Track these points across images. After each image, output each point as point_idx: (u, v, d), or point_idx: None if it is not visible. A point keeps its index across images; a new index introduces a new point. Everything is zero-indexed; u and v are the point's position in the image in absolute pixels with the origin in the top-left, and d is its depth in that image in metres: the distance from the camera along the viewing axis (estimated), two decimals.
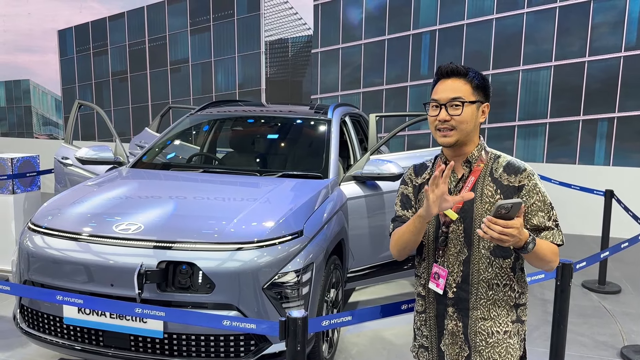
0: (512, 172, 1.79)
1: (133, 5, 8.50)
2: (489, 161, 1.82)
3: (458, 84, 1.78)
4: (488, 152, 1.85)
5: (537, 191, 1.77)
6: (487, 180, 1.79)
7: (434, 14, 7.32)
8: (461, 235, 1.79)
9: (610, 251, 3.61)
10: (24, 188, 5.04)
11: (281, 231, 2.91)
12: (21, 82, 9.32)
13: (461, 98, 1.76)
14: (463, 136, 1.78)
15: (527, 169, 1.79)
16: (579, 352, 3.75)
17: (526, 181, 1.77)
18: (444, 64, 1.82)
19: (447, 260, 1.81)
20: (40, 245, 2.94)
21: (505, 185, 1.77)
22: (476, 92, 1.79)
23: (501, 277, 1.78)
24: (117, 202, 3.28)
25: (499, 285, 1.78)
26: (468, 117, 1.77)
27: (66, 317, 2.79)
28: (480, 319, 1.79)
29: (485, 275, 1.78)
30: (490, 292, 1.78)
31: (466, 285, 1.79)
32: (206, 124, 4.89)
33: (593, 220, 6.22)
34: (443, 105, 1.77)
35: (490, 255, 1.77)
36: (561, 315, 2.84)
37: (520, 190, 1.76)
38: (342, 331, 3.78)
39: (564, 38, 6.90)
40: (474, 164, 1.81)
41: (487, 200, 1.77)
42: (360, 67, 7.70)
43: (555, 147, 7.10)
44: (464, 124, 1.76)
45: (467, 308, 1.80)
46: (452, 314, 1.83)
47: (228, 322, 2.17)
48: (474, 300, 1.79)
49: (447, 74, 1.80)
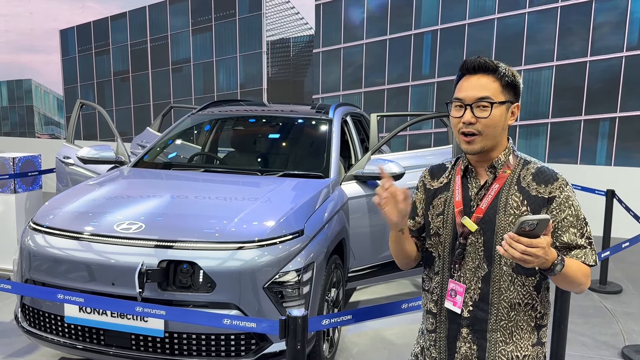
0: (542, 181, 1.58)
1: (134, 5, 8.51)
2: (517, 167, 1.62)
3: (486, 81, 1.57)
4: (517, 157, 1.64)
5: (569, 204, 1.56)
6: (514, 189, 1.59)
7: (435, 13, 7.31)
8: (480, 249, 1.60)
9: (612, 251, 3.60)
10: (25, 187, 5.05)
11: (282, 230, 2.92)
12: (23, 81, 9.33)
13: (489, 98, 1.55)
14: (490, 142, 1.58)
15: (559, 178, 1.58)
16: (580, 352, 3.74)
17: (557, 192, 1.56)
18: (470, 57, 1.61)
19: (464, 275, 1.62)
20: (42, 244, 2.95)
21: (533, 195, 1.57)
22: (506, 90, 1.58)
23: (523, 296, 1.59)
24: (118, 201, 3.29)
25: (521, 305, 1.59)
26: (496, 120, 1.56)
27: (67, 316, 2.80)
28: (501, 342, 1.60)
29: (507, 295, 1.59)
30: (512, 313, 1.59)
31: (485, 304, 1.60)
32: (207, 123, 4.90)
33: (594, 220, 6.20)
34: (468, 106, 1.57)
35: (512, 273, 1.58)
36: (562, 315, 2.84)
37: (550, 203, 1.55)
38: (343, 331, 3.79)
39: (565, 38, 6.89)
40: (500, 169, 1.61)
41: (512, 212, 1.57)
42: (361, 67, 7.70)
43: (556, 147, 7.09)
44: (491, 128, 1.56)
45: (484, 330, 1.61)
46: (467, 335, 1.63)
47: (229, 321, 2.18)
48: (494, 321, 1.60)
49: (473, 69, 1.58)
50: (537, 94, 7.08)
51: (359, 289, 4.66)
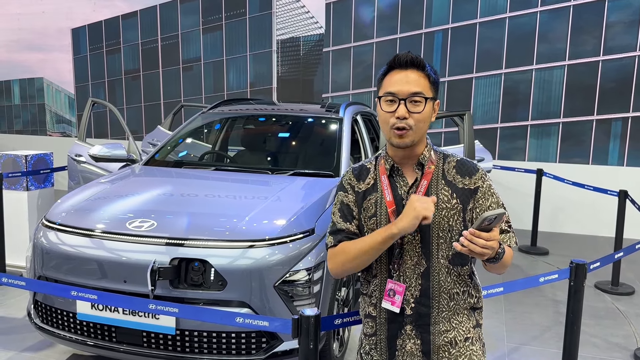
0: (465, 173, 1.65)
1: (146, 4, 8.55)
2: (439, 162, 1.68)
3: (416, 76, 1.60)
4: (436, 151, 1.71)
5: (492, 192, 1.65)
6: (441, 184, 1.64)
7: (446, 12, 7.28)
8: (418, 246, 1.63)
9: (624, 252, 3.57)
10: (37, 185, 5.09)
11: (292, 229, 2.92)
12: (35, 80, 9.41)
13: (422, 93, 1.59)
14: (419, 136, 1.63)
15: (479, 169, 1.67)
16: (592, 354, 3.72)
17: (480, 182, 1.64)
18: (402, 52, 1.64)
19: (404, 274, 1.64)
20: (54, 241, 2.97)
21: (460, 188, 1.64)
22: (433, 88, 1.64)
23: (459, 285, 1.66)
24: (130, 199, 3.30)
25: (459, 294, 1.66)
26: (427, 115, 1.62)
27: (79, 312, 2.82)
28: (444, 331, 1.65)
29: (445, 286, 1.64)
30: (452, 303, 1.65)
31: (426, 299, 1.63)
32: (218, 122, 4.91)
33: (607, 220, 6.17)
34: (402, 100, 1.59)
35: (448, 265, 1.63)
36: (574, 316, 2.82)
37: (475, 193, 1.63)
38: (353, 330, 3.78)
39: (577, 37, 6.83)
40: (426, 166, 1.66)
41: (444, 206, 1.61)
42: (371, 66, 7.68)
43: (568, 147, 7.04)
44: (422, 123, 1.61)
45: (427, 324, 1.64)
46: (410, 332, 1.65)
47: (241, 319, 2.18)
48: (436, 314, 1.64)
49: (405, 64, 1.61)
50: (549, 93, 7.02)
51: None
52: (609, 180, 6.41)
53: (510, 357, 3.65)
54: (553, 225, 6.98)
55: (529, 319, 4.28)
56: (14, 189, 4.98)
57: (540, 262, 5.77)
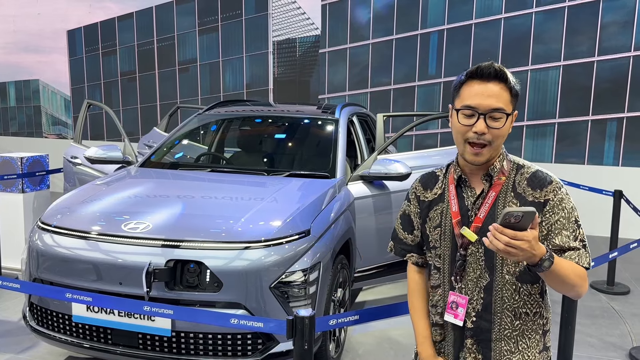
0: (537, 185, 1.55)
1: (141, 6, 8.55)
2: (511, 173, 1.59)
3: (499, 90, 1.50)
4: (511, 162, 1.60)
5: (562, 207, 1.53)
6: (510, 196, 1.56)
7: (442, 13, 7.30)
8: (481, 259, 1.57)
9: (619, 252, 3.58)
10: (33, 187, 5.08)
11: (288, 230, 2.92)
12: (31, 82, 9.39)
13: (503, 110, 1.50)
14: (495, 152, 1.55)
15: (553, 181, 1.55)
16: (587, 353, 3.73)
17: (551, 195, 1.53)
18: (484, 63, 1.52)
19: (466, 286, 1.60)
20: (50, 243, 2.96)
21: (530, 201, 1.54)
22: (513, 100, 1.54)
23: (531, 305, 1.57)
24: (125, 201, 3.30)
25: (529, 315, 1.58)
26: (505, 132, 1.52)
27: (75, 315, 2.81)
28: (506, 351, 1.58)
29: (510, 303, 1.56)
30: (517, 322, 1.57)
31: (488, 314, 1.58)
32: (214, 123, 4.91)
33: (602, 220, 6.18)
34: (482, 115, 1.50)
35: (516, 282, 1.55)
36: (569, 316, 2.83)
37: (544, 206, 1.53)
38: (349, 331, 3.79)
39: (572, 38, 6.86)
40: (495, 177, 1.58)
41: None
42: (368, 67, 7.70)
43: (564, 147, 7.06)
44: (500, 139, 1.53)
45: (489, 339, 1.59)
46: (471, 346, 1.61)
47: (236, 320, 2.18)
48: (497, 330, 1.58)
49: (489, 75, 1.51)
50: (544, 94, 7.05)
51: (365, 289, 4.66)
52: (605, 180, 6.43)
53: None
54: None
55: None
56: (9, 191, 4.98)
57: None
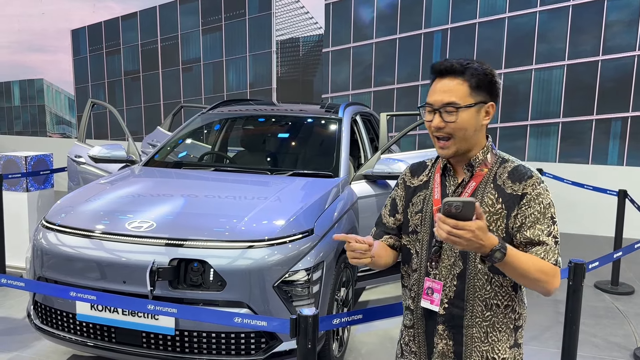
0: (516, 179, 1.57)
1: (145, 5, 8.56)
2: (494, 165, 1.62)
3: (453, 84, 1.56)
4: (495, 155, 1.65)
5: (539, 201, 1.55)
6: (489, 187, 1.59)
7: (445, 12, 7.29)
8: (456, 247, 1.56)
9: (624, 251, 3.58)
10: (37, 186, 5.09)
11: (292, 230, 2.92)
12: (35, 81, 9.41)
13: (455, 103, 1.55)
14: (464, 144, 1.59)
15: (533, 176, 1.58)
16: (591, 353, 3.72)
17: (530, 189, 1.55)
18: (438, 61, 1.61)
19: (440, 272, 1.63)
20: (54, 242, 2.97)
21: (508, 193, 1.57)
22: (475, 92, 1.56)
23: (502, 297, 1.60)
24: (129, 200, 3.31)
25: (500, 307, 1.60)
26: (465, 124, 1.56)
27: (79, 313, 2.82)
28: (477, 338, 1.61)
29: (482, 293, 1.59)
30: (487, 313, 1.60)
31: (460, 301, 1.61)
32: (217, 123, 4.92)
33: (606, 220, 6.16)
34: (437, 110, 1.57)
35: (488, 272, 1.58)
36: (573, 315, 2.82)
37: (522, 200, 1.55)
38: (352, 330, 3.79)
39: (577, 37, 6.84)
40: (477, 168, 1.62)
41: (487, 210, 1.57)
42: (371, 66, 7.69)
43: (568, 146, 7.04)
44: (461, 131, 1.56)
45: (460, 326, 1.62)
46: (443, 332, 1.64)
47: (239, 319, 2.18)
48: (469, 317, 1.61)
49: (441, 72, 1.58)
50: (548, 93, 7.03)
51: (368, 288, 4.66)
52: (609, 179, 6.41)
53: None
54: None
55: (528, 318, 4.27)
56: (14, 190, 4.99)
57: None
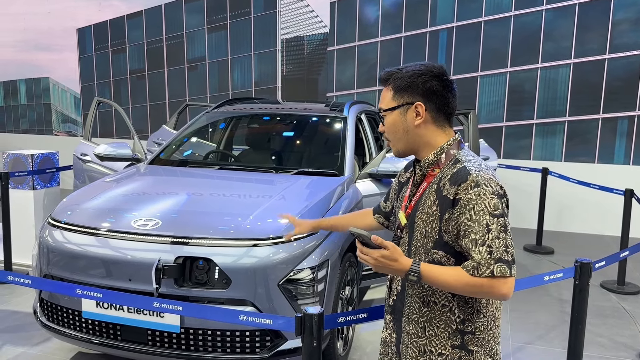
0: (453, 181, 1.54)
1: (149, 4, 8.57)
2: (445, 166, 1.62)
3: (384, 92, 1.72)
4: (451, 155, 1.63)
5: (470, 208, 1.49)
6: (433, 188, 1.61)
7: (451, 11, 7.26)
8: (406, 243, 1.67)
9: (630, 251, 3.55)
10: (43, 184, 5.11)
11: None
12: (41, 80, 9.45)
13: (381, 109, 1.71)
14: (402, 145, 1.68)
15: (469, 179, 1.51)
16: (597, 353, 3.70)
17: (462, 194, 1.51)
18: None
19: None
20: (60, 240, 2.98)
21: (443, 196, 1.56)
22: (398, 96, 1.65)
23: (439, 296, 1.60)
24: (135, 198, 3.32)
25: (437, 304, 1.60)
26: (392, 127, 1.68)
27: (85, 311, 2.83)
28: (413, 334, 1.64)
29: (419, 291, 1.61)
30: (424, 309, 1.62)
31: (402, 297, 1.67)
32: (222, 121, 4.92)
33: (612, 220, 6.14)
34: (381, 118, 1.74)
35: None
36: (579, 315, 2.81)
37: (455, 205, 1.52)
38: (357, 329, 3.78)
39: (583, 35, 6.80)
40: (429, 169, 1.65)
41: (426, 211, 1.59)
42: (376, 65, 7.67)
43: (574, 145, 7.01)
44: (391, 134, 1.69)
45: (400, 320, 1.68)
46: (389, 322, 1.73)
47: (244, 317, 2.19)
48: (407, 313, 1.65)
49: (380, 82, 1.75)
50: (554, 92, 7.00)
51: (373, 287, 4.66)
52: (615, 179, 6.37)
53: (515, 356, 3.64)
54: (558, 224, 6.95)
55: (534, 318, 4.27)
56: (20, 188, 5.01)
57: (545, 262, 5.75)
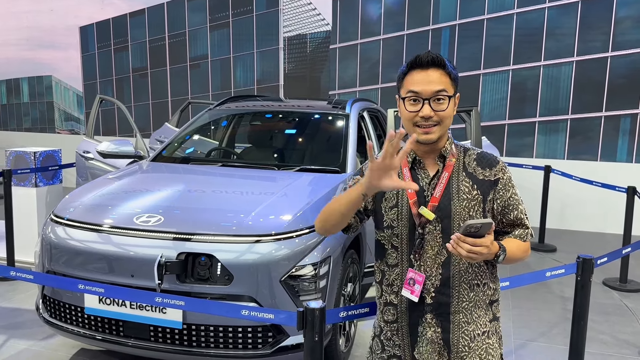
0: (486, 165, 1.71)
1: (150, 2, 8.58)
2: (459, 155, 1.73)
3: (438, 75, 1.65)
4: (457, 145, 1.75)
5: (512, 184, 1.72)
6: (462, 176, 1.69)
7: (453, 8, 7.25)
8: (439, 236, 1.67)
9: (633, 248, 3.55)
10: (46, 181, 5.12)
11: (298, 224, 2.92)
12: (44, 78, 9.47)
13: (445, 91, 1.64)
14: (444, 131, 1.68)
15: (500, 161, 1.73)
16: (600, 350, 3.70)
17: (501, 174, 1.70)
18: (423, 53, 1.67)
19: (424, 264, 1.68)
20: (62, 236, 2.99)
21: (480, 180, 1.69)
22: (454, 84, 1.69)
23: (481, 277, 1.71)
24: (137, 194, 3.32)
25: (479, 285, 1.70)
26: (451, 112, 1.67)
27: (87, 307, 2.84)
28: (464, 322, 1.69)
29: (466, 277, 1.68)
30: (472, 294, 1.69)
31: (446, 289, 1.68)
32: (225, 118, 4.92)
33: (615, 217, 6.13)
34: (426, 100, 1.63)
35: None
36: (581, 311, 2.80)
37: (496, 185, 1.69)
38: (359, 325, 3.79)
39: (586, 33, 6.79)
40: (447, 158, 1.70)
41: (465, 197, 1.66)
42: (378, 63, 7.67)
43: (576, 143, 6.99)
44: (448, 119, 1.67)
45: (448, 312, 1.69)
46: (431, 320, 1.70)
47: (247, 312, 2.19)
48: (456, 303, 1.68)
49: (427, 63, 1.65)
50: (557, 89, 6.98)
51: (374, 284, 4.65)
52: (618, 176, 6.36)
53: (517, 353, 3.64)
54: (561, 222, 6.94)
55: (536, 315, 4.26)
56: (22, 185, 5.03)
57: (547, 259, 5.75)
